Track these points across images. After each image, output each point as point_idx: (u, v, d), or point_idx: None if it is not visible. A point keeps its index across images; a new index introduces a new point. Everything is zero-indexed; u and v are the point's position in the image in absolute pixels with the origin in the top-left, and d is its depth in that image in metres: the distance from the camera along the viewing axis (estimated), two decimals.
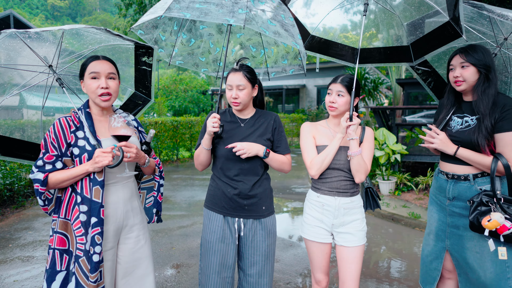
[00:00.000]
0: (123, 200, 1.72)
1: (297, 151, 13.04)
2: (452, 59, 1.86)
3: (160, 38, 2.22)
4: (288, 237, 4.35)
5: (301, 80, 23.45)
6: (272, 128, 1.96)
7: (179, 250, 3.90)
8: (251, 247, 1.93)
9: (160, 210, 1.97)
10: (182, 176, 8.29)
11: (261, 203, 1.93)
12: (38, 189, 1.57)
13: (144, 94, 2.31)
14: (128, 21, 11.15)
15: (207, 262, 1.92)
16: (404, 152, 6.01)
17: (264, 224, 1.94)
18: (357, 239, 1.96)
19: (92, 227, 1.57)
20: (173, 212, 5.37)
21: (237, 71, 1.87)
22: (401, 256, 3.78)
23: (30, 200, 5.86)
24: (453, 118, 1.91)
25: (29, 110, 2.12)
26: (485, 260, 1.77)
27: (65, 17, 75.67)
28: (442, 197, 1.95)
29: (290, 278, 3.26)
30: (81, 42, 1.98)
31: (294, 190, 6.89)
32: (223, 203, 1.91)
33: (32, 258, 3.66)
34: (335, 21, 2.45)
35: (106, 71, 1.64)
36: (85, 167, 1.56)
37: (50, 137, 1.59)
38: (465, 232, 1.84)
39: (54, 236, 1.62)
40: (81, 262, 1.57)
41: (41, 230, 4.50)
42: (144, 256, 1.79)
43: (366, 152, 1.96)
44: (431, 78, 2.37)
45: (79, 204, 1.59)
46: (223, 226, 1.91)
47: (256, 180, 1.90)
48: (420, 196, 5.73)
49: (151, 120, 9.97)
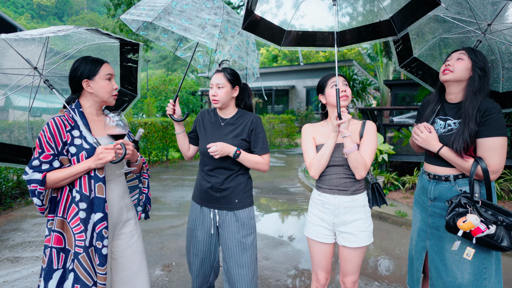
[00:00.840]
0: (117, 196, 1.78)
1: (286, 152, 13.13)
2: (452, 54, 1.85)
3: (162, 37, 2.34)
4: (278, 236, 4.41)
5: (291, 81, 23.61)
6: (249, 129, 2.06)
7: (170, 250, 3.93)
8: (227, 238, 2.07)
9: (149, 204, 2.05)
10: (172, 176, 8.28)
11: (234, 196, 2.06)
12: (37, 189, 1.57)
13: (130, 90, 2.34)
14: (117, 21, 11.05)
15: (189, 245, 2.19)
16: (391, 152, 6.14)
17: (238, 216, 2.07)
18: (359, 240, 1.93)
19: (98, 223, 1.61)
20: (163, 212, 5.38)
21: (219, 72, 2.03)
22: (389, 254, 3.88)
23: (18, 201, 5.79)
24: (436, 120, 1.90)
25: (16, 111, 2.12)
26: (464, 262, 1.77)
27: (51, 17, 74.44)
28: (425, 198, 1.95)
29: (280, 275, 3.32)
30: (66, 42, 2.00)
31: (283, 190, 6.96)
32: (200, 194, 2.12)
33: (21, 259, 3.64)
34: (308, 11, 2.37)
35: (114, 73, 1.76)
36: (87, 164, 1.60)
37: (46, 136, 1.59)
38: (445, 233, 1.84)
39: (52, 235, 1.64)
40: (81, 258, 1.60)
41: (30, 231, 4.46)
42: (138, 251, 1.86)
43: (365, 146, 1.92)
44: (401, 42, 2.31)
45: (78, 202, 1.61)
46: (200, 215, 2.12)
47: (228, 175, 2.05)
48: (407, 195, 5.86)
49: (140, 120, 9.92)
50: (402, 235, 4.42)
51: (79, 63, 1.71)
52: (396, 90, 14.62)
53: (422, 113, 2.04)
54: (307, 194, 6.65)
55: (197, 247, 2.13)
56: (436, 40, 2.25)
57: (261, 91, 23.35)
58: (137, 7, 2.05)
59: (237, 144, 2.02)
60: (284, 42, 2.37)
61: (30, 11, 70.66)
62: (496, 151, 1.68)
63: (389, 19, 2.14)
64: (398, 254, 3.84)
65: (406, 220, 4.76)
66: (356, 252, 1.96)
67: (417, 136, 1.87)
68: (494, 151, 1.69)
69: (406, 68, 2.40)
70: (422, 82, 2.43)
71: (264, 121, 14.31)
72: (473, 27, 2.04)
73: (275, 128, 14.84)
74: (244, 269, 2.04)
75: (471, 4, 1.91)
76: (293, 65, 25.38)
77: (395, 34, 2.12)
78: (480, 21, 1.96)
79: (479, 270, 1.75)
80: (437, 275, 1.86)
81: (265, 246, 4.05)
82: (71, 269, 1.60)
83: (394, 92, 14.71)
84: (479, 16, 1.94)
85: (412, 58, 2.35)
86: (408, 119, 14.83)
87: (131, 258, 1.82)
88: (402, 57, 2.36)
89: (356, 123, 2.02)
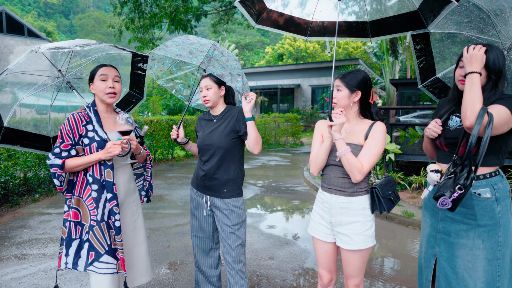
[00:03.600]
0: (123, 181, 2.11)
1: (292, 151, 13.10)
2: None
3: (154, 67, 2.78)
4: (283, 235, 4.40)
5: (296, 80, 23.55)
6: (236, 119, 2.29)
7: (176, 248, 3.93)
8: (218, 222, 2.35)
9: (151, 190, 2.40)
10: (177, 175, 8.29)
11: (223, 186, 2.30)
12: (57, 172, 1.90)
13: (137, 93, 2.74)
14: (123, 20, 11.04)
15: (191, 222, 2.52)
16: (398, 152, 6.09)
17: (228, 204, 2.30)
18: (354, 243, 1.89)
19: (109, 201, 1.95)
20: (169, 211, 5.39)
21: (205, 76, 2.35)
22: (395, 254, 3.85)
23: (25, 198, 5.83)
24: (452, 117, 1.87)
25: (39, 109, 2.54)
26: (477, 270, 1.71)
27: (58, 15, 74.89)
28: (435, 201, 1.86)
29: (286, 275, 3.31)
30: (85, 50, 2.37)
31: (289, 189, 6.94)
32: (197, 181, 2.42)
33: (28, 256, 3.66)
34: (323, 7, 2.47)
35: (113, 75, 2.03)
36: (98, 155, 1.92)
37: (66, 129, 1.93)
38: (457, 239, 1.77)
39: (70, 210, 1.98)
40: (95, 230, 1.93)
41: (36, 229, 4.49)
42: (137, 228, 2.22)
43: (366, 150, 1.85)
44: (424, 57, 2.26)
45: (91, 184, 1.95)
46: (197, 198, 2.43)
47: (219, 166, 2.29)
48: (414, 195, 5.82)
49: (146, 118, 9.95)
50: (409, 236, 4.39)
51: (91, 70, 2.05)
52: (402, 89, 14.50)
53: (438, 112, 2.01)
54: (313, 193, 6.62)
55: (197, 225, 2.46)
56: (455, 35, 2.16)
57: (266, 89, 23.32)
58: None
59: (228, 133, 2.28)
60: (310, 33, 2.44)
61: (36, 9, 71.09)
62: (501, 116, 1.62)
63: (417, 10, 2.12)
64: (404, 254, 3.81)
65: (413, 220, 4.71)
66: (354, 254, 1.91)
67: (432, 132, 1.86)
68: (499, 115, 1.62)
69: (429, 89, 2.30)
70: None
71: (269, 120, 14.29)
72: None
73: (280, 127, 14.81)
74: (233, 252, 2.31)
75: (493, 20, 1.86)
76: (299, 64, 25.29)
77: (425, 27, 2.11)
78: (504, 40, 1.91)
79: (492, 279, 1.69)
80: (447, 284, 1.79)
81: (270, 245, 4.03)
82: (86, 240, 1.94)
83: (400, 91, 14.59)
84: (502, 34, 1.89)
85: (435, 78, 2.26)
86: (415, 118, 14.71)
87: (131, 234, 2.18)
88: (424, 74, 2.29)
89: (365, 123, 1.96)
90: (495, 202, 1.71)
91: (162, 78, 2.85)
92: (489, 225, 1.71)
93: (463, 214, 1.76)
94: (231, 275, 2.29)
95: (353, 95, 1.92)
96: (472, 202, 1.74)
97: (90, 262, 1.93)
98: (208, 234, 2.46)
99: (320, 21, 2.50)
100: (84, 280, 3.16)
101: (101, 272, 1.93)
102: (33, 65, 2.24)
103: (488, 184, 1.73)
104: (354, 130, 1.95)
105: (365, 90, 1.94)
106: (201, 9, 11.28)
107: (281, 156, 11.61)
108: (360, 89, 1.92)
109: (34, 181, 6.29)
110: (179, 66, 2.88)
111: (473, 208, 1.74)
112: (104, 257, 1.94)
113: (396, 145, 6.09)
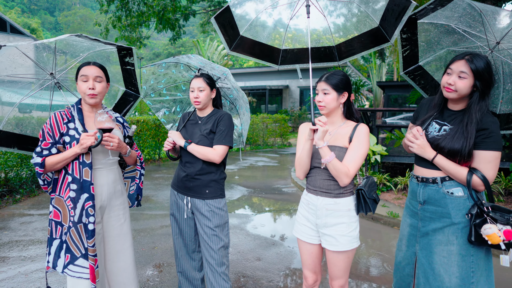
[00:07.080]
0: (107, 183, 2.04)
1: (280, 151, 13.12)
2: (453, 63, 1.78)
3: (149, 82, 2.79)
4: (270, 236, 4.39)
5: (284, 81, 23.61)
6: (216, 123, 2.30)
7: (162, 250, 3.88)
8: (200, 224, 2.31)
9: (141, 195, 2.33)
10: (164, 175, 8.21)
11: (205, 187, 2.28)
12: (38, 170, 1.89)
13: (133, 91, 2.66)
14: (110, 18, 10.87)
15: (172, 225, 2.47)
16: (384, 153, 6.16)
17: (210, 205, 2.28)
18: (340, 244, 1.89)
19: (85, 201, 1.89)
20: (155, 212, 5.32)
21: (198, 77, 2.31)
22: (380, 255, 3.88)
23: (6, 199, 5.68)
24: (432, 123, 1.89)
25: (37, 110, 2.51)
26: (452, 265, 1.77)
27: (43, 11, 73.33)
28: (415, 202, 1.94)
29: (272, 276, 3.30)
30: (73, 50, 2.34)
31: (276, 190, 6.95)
32: (178, 182, 2.38)
33: (8, 259, 3.56)
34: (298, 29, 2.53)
35: (94, 75, 1.97)
36: (74, 149, 1.89)
37: (47, 128, 1.94)
38: (434, 236, 1.84)
39: (53, 210, 1.96)
40: (71, 232, 1.90)
41: (17, 230, 4.37)
42: (123, 233, 2.13)
43: (350, 153, 1.86)
44: (409, 46, 2.28)
45: (70, 183, 1.91)
46: (177, 200, 2.39)
47: (200, 167, 2.27)
48: (399, 196, 5.89)
49: (133, 118, 9.81)
50: (394, 236, 4.43)
51: (78, 66, 2.02)
52: (389, 91, 14.70)
53: (419, 114, 2.02)
54: (300, 194, 6.64)
55: (177, 229, 2.42)
56: (443, 52, 2.21)
57: (255, 90, 23.32)
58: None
59: (207, 136, 2.28)
60: (282, 62, 2.50)
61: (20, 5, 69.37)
62: (492, 164, 1.72)
63: (378, 27, 2.22)
64: (390, 255, 3.85)
65: (398, 221, 4.77)
66: (339, 256, 1.92)
67: (412, 144, 1.85)
68: (490, 164, 1.72)
69: (410, 75, 2.35)
70: (423, 92, 2.40)
71: (258, 121, 14.27)
72: (482, 42, 2.00)
73: (269, 127, 14.81)
74: (215, 254, 2.27)
75: (483, 18, 1.88)
76: None
77: (388, 41, 2.21)
78: (490, 37, 1.94)
79: (467, 274, 1.75)
80: (425, 280, 1.85)
81: (257, 247, 4.02)
82: (64, 241, 1.91)
83: (387, 93, 14.79)
84: (489, 31, 1.92)
85: (417, 66, 2.31)
86: (401, 120, 14.91)
87: (116, 239, 2.10)
88: (407, 62, 2.33)
89: (348, 125, 1.97)
90: (468, 200, 1.77)
91: (149, 98, 2.84)
92: (462, 222, 1.77)
93: (439, 213, 1.83)
94: (214, 277, 2.25)
95: (340, 97, 1.93)
96: (446, 201, 1.81)
97: (65, 264, 1.90)
98: (190, 237, 2.42)
99: (290, 49, 2.55)
100: (66, 283, 3.09)
101: (75, 275, 1.88)
102: (19, 68, 2.22)
103: (460, 183, 1.79)
104: (339, 133, 1.95)
105: (350, 90, 1.96)
106: (189, 9, 11.20)
107: (269, 157, 11.61)
108: (346, 90, 1.93)
109: (15, 182, 6.13)
110: (169, 90, 2.89)
111: (447, 206, 1.81)
112: (79, 261, 1.89)
113: (382, 147, 6.16)
